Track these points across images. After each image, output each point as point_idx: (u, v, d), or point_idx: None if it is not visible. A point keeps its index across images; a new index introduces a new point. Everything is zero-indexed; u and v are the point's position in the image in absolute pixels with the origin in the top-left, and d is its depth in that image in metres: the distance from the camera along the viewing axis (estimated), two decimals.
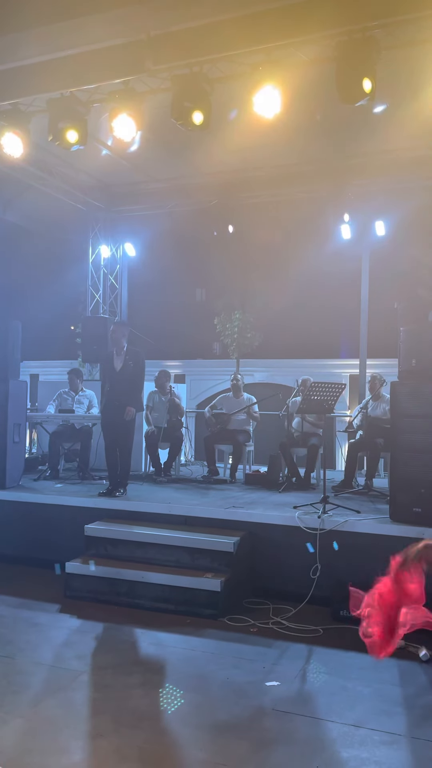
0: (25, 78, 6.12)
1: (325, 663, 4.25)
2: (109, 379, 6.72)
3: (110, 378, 6.71)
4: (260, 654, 4.39)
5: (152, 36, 5.71)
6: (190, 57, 5.76)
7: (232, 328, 17.29)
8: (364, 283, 9.98)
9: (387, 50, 5.52)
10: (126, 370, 6.70)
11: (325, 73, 6.07)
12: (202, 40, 5.62)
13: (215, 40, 5.59)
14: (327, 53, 5.78)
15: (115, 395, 6.69)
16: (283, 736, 3.33)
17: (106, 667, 4.16)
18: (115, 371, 6.71)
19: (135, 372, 6.71)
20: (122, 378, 6.70)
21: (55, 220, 10.97)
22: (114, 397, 6.70)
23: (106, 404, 6.85)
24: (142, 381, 6.86)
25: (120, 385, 6.64)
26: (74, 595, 5.51)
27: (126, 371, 6.70)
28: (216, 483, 7.73)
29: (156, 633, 4.77)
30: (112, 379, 6.69)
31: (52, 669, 4.12)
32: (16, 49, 5.92)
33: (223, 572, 5.29)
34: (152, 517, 6.07)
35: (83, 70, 5.98)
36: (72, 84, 6.15)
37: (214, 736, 3.34)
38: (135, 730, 3.40)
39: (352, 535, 5.38)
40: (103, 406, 6.91)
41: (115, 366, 6.74)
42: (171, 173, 9.64)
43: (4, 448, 6.92)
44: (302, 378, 8.06)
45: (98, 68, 5.92)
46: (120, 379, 6.70)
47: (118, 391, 6.65)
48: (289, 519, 5.59)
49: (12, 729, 3.35)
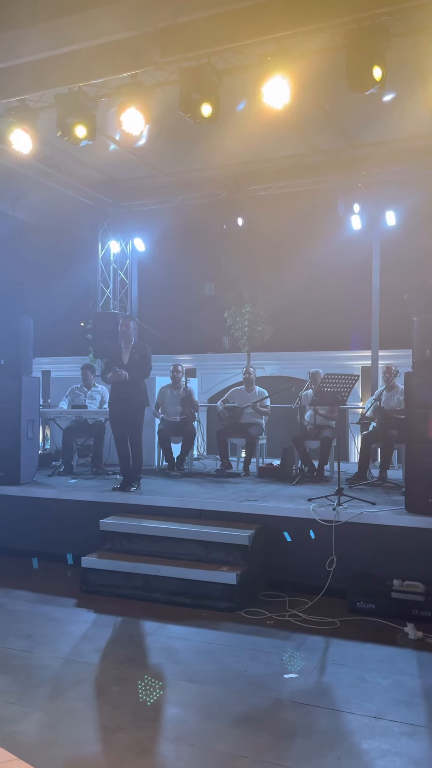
0: (33, 73, 6.10)
1: (342, 655, 4.24)
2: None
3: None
4: (278, 647, 4.39)
5: (159, 28, 5.68)
6: (198, 48, 5.72)
7: (242, 321, 17.21)
8: (375, 274, 9.91)
9: (396, 37, 5.46)
10: (132, 363, 6.70)
11: (333, 62, 6.01)
12: (210, 30, 5.58)
13: (223, 30, 5.56)
14: (336, 42, 5.73)
15: (120, 389, 6.69)
16: (303, 727, 3.33)
17: (123, 660, 4.17)
18: (122, 365, 6.70)
19: (141, 365, 6.69)
20: (129, 372, 6.70)
21: (64, 217, 10.98)
22: (119, 390, 6.69)
23: (112, 398, 6.85)
24: (144, 372, 6.76)
25: (126, 380, 6.63)
26: (90, 590, 5.53)
27: (132, 365, 6.69)
28: (229, 476, 7.72)
29: (172, 626, 4.77)
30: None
31: (70, 663, 4.13)
32: (23, 44, 5.91)
33: (239, 565, 5.29)
34: (166, 511, 6.08)
35: (91, 65, 5.96)
36: (80, 79, 6.14)
37: (234, 728, 3.34)
38: (154, 723, 3.41)
39: (367, 526, 5.36)
40: (109, 400, 6.90)
41: (122, 359, 6.73)
42: (179, 167, 9.60)
43: (18, 445, 6.94)
44: (313, 370, 8.04)
45: (106, 62, 5.90)
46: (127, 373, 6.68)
47: (124, 384, 6.65)
48: (304, 511, 5.57)
49: (32, 722, 3.37)
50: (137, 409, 6.71)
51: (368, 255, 10.24)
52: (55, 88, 6.28)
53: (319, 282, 16.37)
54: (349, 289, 15.02)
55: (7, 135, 6.87)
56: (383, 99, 7.19)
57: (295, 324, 17.41)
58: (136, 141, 8.20)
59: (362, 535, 5.36)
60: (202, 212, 10.47)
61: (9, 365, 7.05)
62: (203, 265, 19.05)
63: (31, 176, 9.16)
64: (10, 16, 5.81)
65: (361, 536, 5.36)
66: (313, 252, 14.64)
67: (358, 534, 5.36)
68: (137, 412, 6.71)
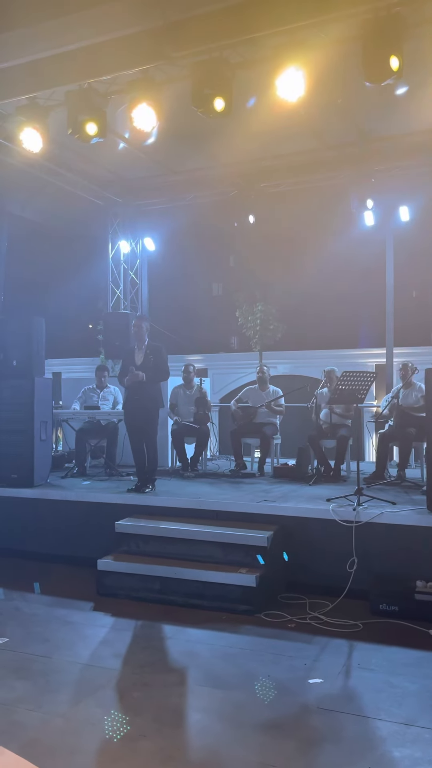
0: (44, 71, 6.05)
1: (367, 659, 4.14)
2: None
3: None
4: (300, 650, 4.29)
5: (171, 22, 5.60)
6: (211, 41, 5.64)
7: (254, 320, 17.05)
8: (389, 271, 9.79)
9: (414, 27, 5.36)
10: (147, 364, 6.61)
11: (346, 54, 5.91)
12: (224, 23, 5.49)
13: (237, 22, 5.47)
14: (351, 32, 5.62)
15: (135, 390, 6.60)
16: (331, 735, 3.23)
17: (143, 665, 4.08)
18: (136, 366, 6.61)
19: (156, 366, 6.62)
20: (144, 373, 6.61)
21: (73, 217, 10.93)
22: (134, 392, 6.61)
23: (127, 399, 6.77)
24: (162, 375, 6.71)
25: (141, 382, 6.55)
26: (107, 593, 5.45)
27: (147, 366, 6.61)
28: (244, 477, 7.63)
29: (192, 630, 4.68)
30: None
31: (89, 668, 4.05)
32: (33, 41, 5.85)
33: (258, 567, 5.19)
34: (182, 513, 5.99)
35: (102, 61, 5.89)
36: (91, 75, 6.07)
37: (260, 735, 3.24)
38: (178, 730, 3.32)
39: (388, 527, 5.25)
40: (124, 401, 6.83)
41: (135, 360, 6.65)
42: (189, 165, 9.52)
43: (31, 447, 6.87)
44: (328, 368, 7.93)
45: (117, 57, 5.83)
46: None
47: (139, 385, 6.56)
48: (324, 512, 5.47)
49: (53, 729, 3.29)
50: (153, 411, 6.63)
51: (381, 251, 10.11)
52: (66, 85, 6.21)
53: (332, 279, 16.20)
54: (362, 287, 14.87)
55: (17, 134, 6.82)
56: (396, 92, 7.09)
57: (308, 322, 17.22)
58: (145, 139, 8.13)
59: (383, 535, 5.25)
60: (212, 211, 10.37)
61: (21, 366, 6.99)
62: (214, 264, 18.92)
63: (41, 176, 9.10)
64: (19, 13, 5.74)
65: (382, 537, 5.24)
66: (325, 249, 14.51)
67: (379, 534, 5.25)
68: (153, 414, 6.63)
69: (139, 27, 5.61)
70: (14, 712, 3.48)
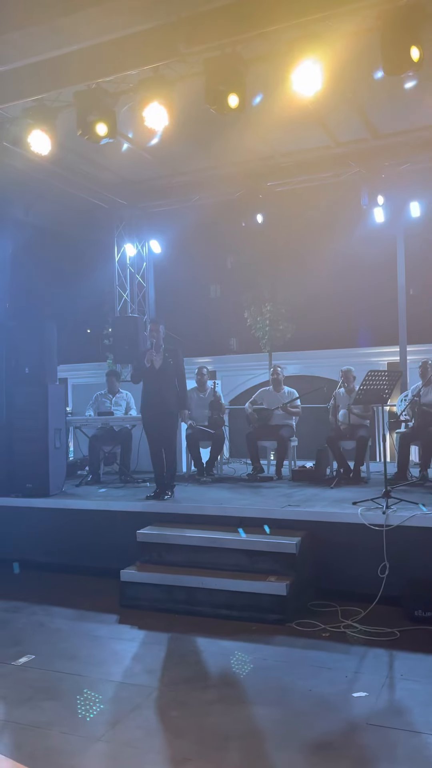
0: (52, 71, 5.89)
1: (410, 669, 3.99)
2: (149, 378, 6.48)
3: (150, 377, 6.48)
4: (338, 661, 4.15)
5: (183, 17, 5.45)
6: (224, 37, 5.48)
7: (263, 321, 16.86)
8: (400, 268, 9.65)
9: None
10: (166, 368, 6.48)
11: (358, 47, 5.79)
12: (237, 17, 5.35)
13: (250, 16, 5.33)
14: (366, 24, 5.48)
15: (154, 394, 6.47)
16: (385, 753, 3.08)
17: (178, 681, 3.93)
18: (154, 369, 6.47)
19: (176, 370, 6.52)
20: (162, 377, 6.48)
21: (77, 221, 10.77)
22: (154, 396, 6.47)
23: (146, 404, 6.61)
24: (184, 379, 6.66)
25: (159, 384, 6.43)
26: (130, 604, 5.30)
27: (166, 369, 6.47)
28: (262, 481, 7.49)
29: (223, 642, 4.53)
30: (152, 378, 6.46)
31: (122, 686, 3.90)
32: (41, 41, 5.69)
33: (287, 575, 5.04)
34: (205, 519, 5.84)
35: (113, 59, 5.75)
36: (102, 74, 5.92)
37: (310, 755, 3.09)
38: (222, 752, 3.17)
39: (421, 530, 5.10)
40: (142, 406, 6.68)
41: (154, 364, 6.51)
42: (195, 165, 9.37)
43: (45, 455, 6.72)
44: (345, 368, 7.79)
45: (129, 55, 5.68)
46: (160, 378, 6.47)
47: (158, 390, 6.43)
48: (352, 516, 5.32)
49: (94, 754, 3.14)
50: (173, 416, 6.51)
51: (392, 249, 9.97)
52: (76, 84, 6.05)
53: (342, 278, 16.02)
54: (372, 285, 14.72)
55: (22, 137, 6.68)
56: (405, 86, 6.97)
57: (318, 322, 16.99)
58: (150, 140, 8.02)
59: (415, 539, 5.10)
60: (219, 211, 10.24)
61: (34, 373, 6.84)
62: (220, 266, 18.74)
63: (44, 180, 8.94)
64: (26, 13, 5.60)
65: (414, 540, 5.10)
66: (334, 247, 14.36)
67: (411, 538, 5.10)
68: (173, 419, 6.53)
69: (150, 24, 5.46)
70: (48, 736, 3.34)
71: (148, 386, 6.52)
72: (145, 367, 6.47)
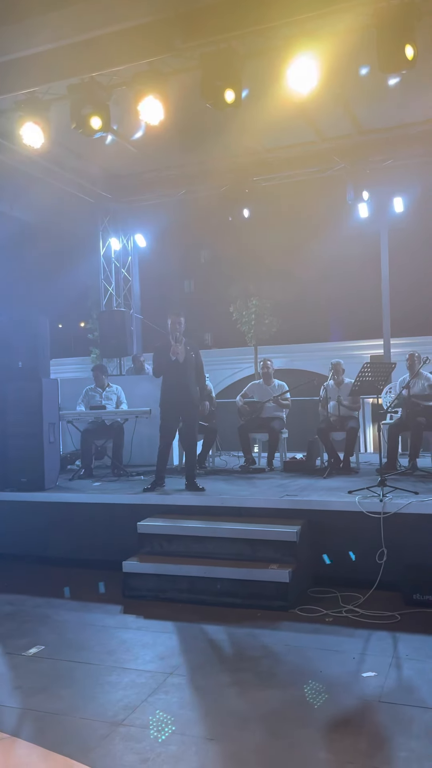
0: (48, 64, 5.88)
1: (414, 649, 4.13)
2: (173, 371, 6.48)
3: (174, 370, 6.47)
4: (344, 644, 4.26)
5: (180, 12, 5.50)
6: (221, 32, 5.55)
7: (248, 315, 16.94)
8: (384, 262, 9.83)
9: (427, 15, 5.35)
10: (189, 362, 6.52)
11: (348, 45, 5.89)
12: (234, 13, 5.41)
13: (247, 12, 5.39)
14: (360, 22, 5.58)
15: (180, 387, 6.47)
16: (401, 728, 3.20)
17: (191, 667, 4.01)
18: (179, 365, 6.48)
19: (198, 363, 6.62)
20: (187, 369, 6.50)
21: (63, 215, 10.73)
22: (180, 388, 6.47)
23: (170, 396, 6.53)
24: (203, 373, 6.80)
25: (185, 377, 6.47)
26: (133, 595, 5.35)
27: (189, 364, 6.52)
28: (254, 472, 7.59)
29: (230, 628, 4.62)
30: (176, 370, 6.47)
31: (136, 672, 3.96)
32: (37, 33, 5.69)
33: (288, 562, 5.15)
34: (204, 510, 5.91)
35: (109, 52, 5.77)
36: (98, 67, 5.94)
37: (328, 733, 3.20)
38: (244, 732, 3.25)
39: (417, 517, 5.25)
40: (166, 398, 6.57)
41: (178, 357, 6.49)
42: (181, 160, 9.40)
43: (41, 449, 6.72)
44: (334, 361, 7.91)
45: (125, 49, 5.71)
46: (184, 371, 6.50)
47: (184, 383, 6.48)
48: (350, 504, 5.45)
49: (118, 737, 3.20)
50: (197, 408, 6.67)
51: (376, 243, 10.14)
52: (72, 77, 6.06)
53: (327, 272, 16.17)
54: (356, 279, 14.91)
55: (16, 130, 6.65)
56: (389, 83, 7.09)
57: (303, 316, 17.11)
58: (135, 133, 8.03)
59: (412, 525, 5.24)
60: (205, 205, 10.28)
61: (28, 368, 6.84)
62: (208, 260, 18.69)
63: (30, 173, 8.89)
64: (22, 5, 5.59)
65: (411, 527, 5.24)
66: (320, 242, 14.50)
67: (408, 525, 5.24)
68: (197, 411, 6.69)
69: (148, 18, 5.49)
70: (69, 722, 3.39)
71: (172, 379, 6.48)
72: (170, 360, 6.45)
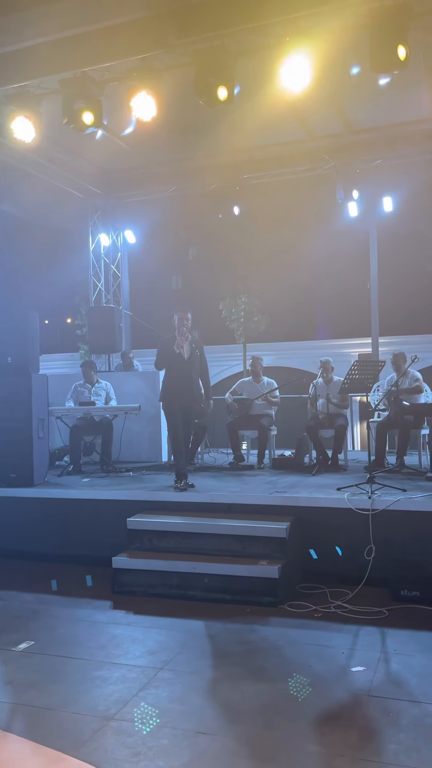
0: (41, 58, 5.87)
1: (402, 644, 4.18)
2: (177, 365, 6.48)
3: (178, 364, 6.47)
4: (333, 639, 4.31)
5: (173, 9, 5.50)
6: (214, 29, 5.56)
7: (237, 312, 16.95)
8: (372, 261, 9.89)
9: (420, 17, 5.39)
10: (194, 359, 6.54)
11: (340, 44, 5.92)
12: (227, 10, 5.42)
13: (241, 9, 5.40)
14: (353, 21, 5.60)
15: (185, 381, 6.48)
16: (391, 721, 3.24)
17: (182, 662, 4.03)
18: (183, 360, 6.48)
19: (203, 361, 6.64)
20: (191, 366, 6.52)
21: (52, 210, 10.67)
22: (184, 383, 6.48)
23: (173, 390, 6.51)
24: (208, 371, 6.81)
25: (189, 372, 6.48)
26: (123, 591, 5.37)
27: (194, 361, 6.54)
28: (243, 469, 7.62)
29: (220, 624, 4.65)
30: (180, 365, 6.47)
31: (127, 667, 3.97)
32: (29, 27, 5.66)
33: (278, 558, 5.18)
34: (193, 507, 5.93)
35: (102, 48, 5.76)
36: (90, 62, 5.93)
37: (319, 726, 3.23)
38: (236, 725, 3.28)
39: (405, 513, 5.31)
40: (169, 392, 6.55)
41: (183, 354, 6.49)
42: (172, 156, 9.40)
43: (30, 445, 6.70)
44: (324, 359, 7.97)
45: (119, 44, 5.71)
46: (189, 366, 6.51)
47: (189, 378, 6.50)
48: (339, 501, 5.49)
49: (110, 731, 3.21)
50: (199, 404, 6.69)
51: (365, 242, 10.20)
52: (65, 72, 6.03)
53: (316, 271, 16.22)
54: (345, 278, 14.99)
55: (7, 124, 6.60)
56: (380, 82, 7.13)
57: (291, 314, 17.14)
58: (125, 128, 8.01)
59: (400, 522, 5.30)
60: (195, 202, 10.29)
61: (17, 363, 6.80)
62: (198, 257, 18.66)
63: (20, 168, 8.84)
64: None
65: (399, 523, 5.30)
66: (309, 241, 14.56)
67: (396, 521, 5.30)
68: (199, 407, 6.72)
69: (142, 13, 5.49)
70: (61, 716, 3.39)
71: (176, 372, 6.48)
72: (174, 353, 6.43)
